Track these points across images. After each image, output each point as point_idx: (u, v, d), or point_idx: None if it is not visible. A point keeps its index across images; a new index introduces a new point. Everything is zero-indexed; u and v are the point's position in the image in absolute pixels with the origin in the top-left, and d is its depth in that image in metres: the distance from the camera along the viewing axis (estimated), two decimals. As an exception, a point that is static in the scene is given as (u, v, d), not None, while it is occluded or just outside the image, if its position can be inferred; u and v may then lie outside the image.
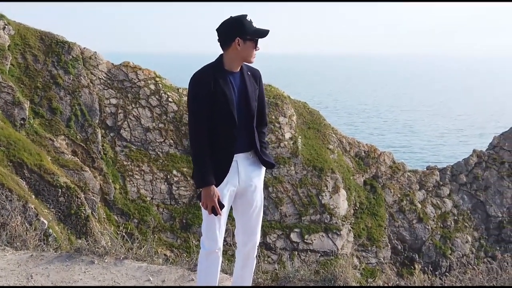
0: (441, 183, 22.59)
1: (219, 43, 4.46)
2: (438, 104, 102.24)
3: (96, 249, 6.00)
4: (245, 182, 4.60)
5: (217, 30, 4.44)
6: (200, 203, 4.39)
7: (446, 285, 5.19)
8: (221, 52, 4.50)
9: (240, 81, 4.51)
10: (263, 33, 4.45)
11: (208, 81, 4.32)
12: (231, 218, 4.64)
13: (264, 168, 4.79)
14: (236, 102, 4.44)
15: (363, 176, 21.71)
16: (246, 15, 4.43)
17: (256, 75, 4.68)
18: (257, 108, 4.62)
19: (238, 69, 4.51)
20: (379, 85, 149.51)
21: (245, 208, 4.66)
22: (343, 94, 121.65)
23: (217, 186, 4.39)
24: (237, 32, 4.38)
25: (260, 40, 4.42)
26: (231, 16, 4.47)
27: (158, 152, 19.08)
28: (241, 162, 4.57)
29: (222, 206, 4.37)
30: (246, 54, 4.45)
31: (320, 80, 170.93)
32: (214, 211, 4.35)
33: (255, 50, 4.48)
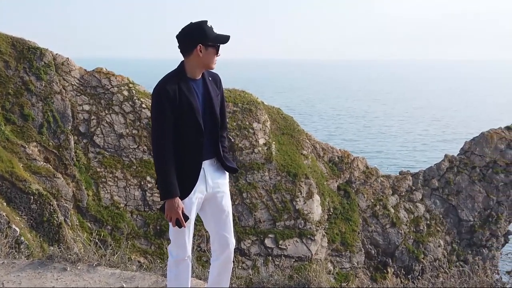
0: (413, 187, 22.81)
1: (179, 50, 4.41)
2: (411, 110, 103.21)
3: (69, 256, 5.96)
4: (213, 188, 4.58)
5: (177, 37, 4.39)
6: (164, 215, 4.34)
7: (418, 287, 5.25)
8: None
9: (203, 88, 4.49)
10: (225, 39, 4.44)
11: (173, 90, 4.27)
12: (200, 223, 4.63)
13: (227, 173, 4.75)
14: (201, 109, 4.42)
15: (336, 181, 21.83)
16: (206, 21, 4.40)
17: (216, 79, 4.66)
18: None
19: (200, 76, 4.48)
20: (353, 91, 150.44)
21: (217, 214, 4.63)
22: (317, 100, 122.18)
23: (186, 195, 4.36)
24: (198, 39, 4.35)
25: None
26: (191, 22, 4.42)
27: (132, 159, 18.98)
28: (207, 169, 4.55)
29: (186, 218, 4.34)
30: (208, 60, 4.43)
31: (294, 86, 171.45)
32: (178, 223, 4.32)
33: (216, 56, 4.48)
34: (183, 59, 4.45)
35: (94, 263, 5.85)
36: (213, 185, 4.58)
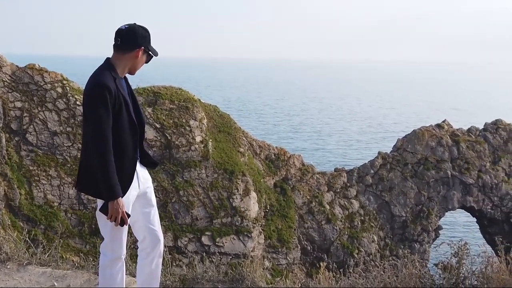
0: (348, 184, 23.20)
1: (117, 45, 4.34)
2: (345, 108, 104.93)
3: (-2, 256, 5.82)
4: (143, 184, 4.60)
5: (121, 32, 4.32)
6: (108, 216, 4.25)
7: (350, 280, 5.38)
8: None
9: (127, 87, 4.50)
10: (157, 53, 4.49)
11: (113, 86, 4.22)
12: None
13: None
14: (132, 107, 4.43)
15: (273, 178, 21.99)
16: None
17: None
18: None
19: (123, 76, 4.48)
20: (290, 90, 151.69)
21: (147, 209, 4.63)
22: (253, 98, 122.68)
23: (124, 193, 4.31)
24: (143, 42, 4.34)
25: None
26: (135, 23, 4.40)
27: (66, 157, 18.62)
28: (137, 166, 4.55)
29: (129, 216, 4.32)
30: (139, 65, 4.44)
31: (231, 84, 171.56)
32: (122, 222, 4.28)
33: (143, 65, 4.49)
34: (109, 56, 4.41)
35: (24, 262, 5.74)
36: (144, 181, 4.60)
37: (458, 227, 33.63)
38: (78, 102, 19.33)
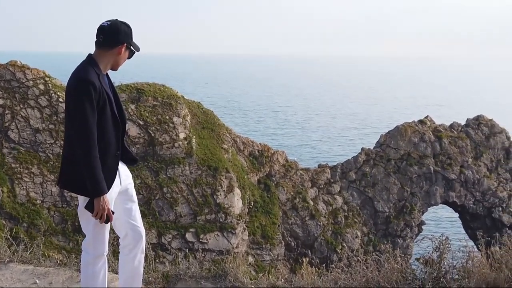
0: (332, 180, 23.29)
1: (99, 42, 4.33)
2: (328, 104, 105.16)
3: (-21, 253, 5.77)
4: (125, 181, 4.60)
5: (104, 28, 4.30)
6: (92, 214, 4.22)
7: (332, 275, 5.41)
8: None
9: (109, 83, 4.49)
10: (139, 48, 4.49)
11: (97, 82, 4.20)
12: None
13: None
14: (114, 103, 4.42)
15: (257, 175, 22.02)
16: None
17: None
18: None
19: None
20: (273, 87, 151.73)
21: (128, 205, 4.63)
22: (237, 94, 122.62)
23: (108, 190, 4.30)
24: (126, 38, 4.33)
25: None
26: (117, 19, 4.39)
27: (49, 154, 18.52)
28: (119, 162, 4.56)
29: (113, 213, 4.32)
30: (121, 61, 4.44)
31: (214, 81, 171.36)
32: (107, 219, 4.27)
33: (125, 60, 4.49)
34: (91, 52, 4.39)
35: (5, 259, 5.70)
36: (125, 178, 4.60)
37: (442, 223, 33.89)
38: (60, 99, 19.22)
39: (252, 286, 5.27)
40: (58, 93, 19.39)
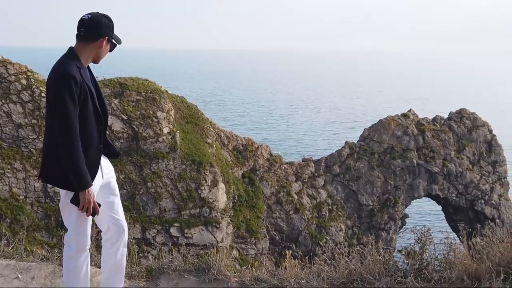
0: (316, 174, 23.36)
1: (80, 35, 4.29)
2: (313, 99, 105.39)
3: (-40, 249, 5.74)
4: (107, 174, 4.58)
5: (85, 21, 4.27)
6: (78, 208, 4.21)
7: (315, 267, 5.44)
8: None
9: (91, 76, 4.47)
10: (120, 41, 4.46)
11: (78, 76, 4.17)
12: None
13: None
14: (96, 97, 4.41)
15: (241, 169, 22.04)
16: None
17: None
18: None
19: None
20: (257, 81, 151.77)
21: (110, 199, 4.62)
22: (220, 88, 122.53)
23: (91, 183, 4.29)
24: (107, 31, 4.30)
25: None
26: (98, 12, 4.36)
27: (32, 149, 18.40)
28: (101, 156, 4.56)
29: (99, 205, 4.31)
30: (103, 54, 4.41)
31: (198, 75, 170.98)
32: (93, 212, 4.26)
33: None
34: (72, 45, 4.37)
35: (-14, 255, 5.68)
36: (107, 171, 4.59)
37: (426, 216, 34.12)
38: (43, 94, 19.08)
39: (236, 279, 5.28)
40: (41, 88, 19.25)
